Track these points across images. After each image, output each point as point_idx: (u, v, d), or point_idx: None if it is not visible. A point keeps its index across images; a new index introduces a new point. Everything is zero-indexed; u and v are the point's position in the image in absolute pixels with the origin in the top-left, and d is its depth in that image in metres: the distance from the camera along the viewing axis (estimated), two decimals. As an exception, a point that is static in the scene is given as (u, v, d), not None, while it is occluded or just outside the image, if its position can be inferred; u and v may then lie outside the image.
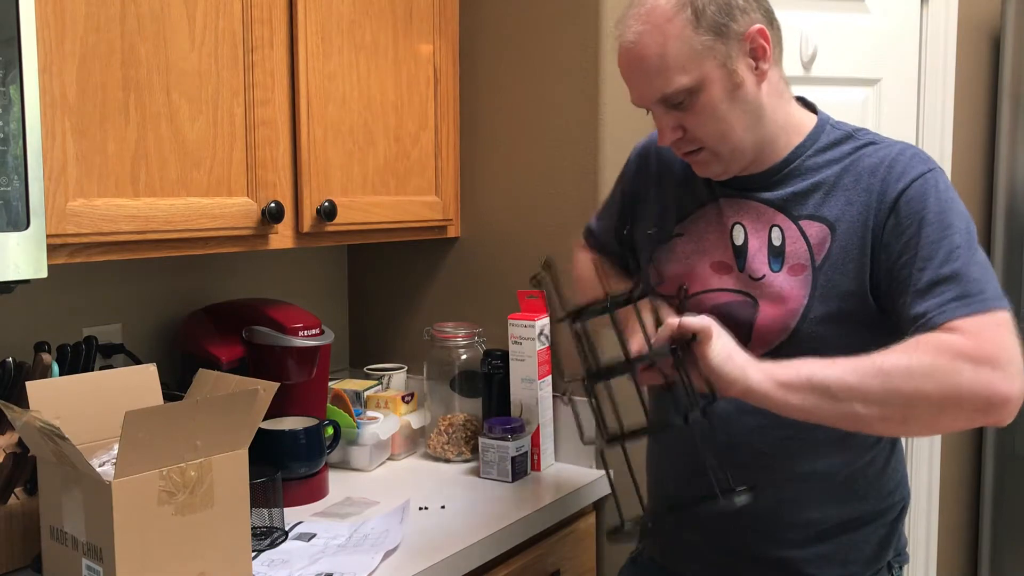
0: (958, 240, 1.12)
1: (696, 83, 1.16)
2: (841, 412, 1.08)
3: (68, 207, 1.27)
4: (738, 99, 1.18)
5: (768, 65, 1.19)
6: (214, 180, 1.48)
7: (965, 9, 2.03)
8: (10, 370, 1.37)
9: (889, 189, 1.16)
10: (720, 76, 1.16)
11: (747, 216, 1.25)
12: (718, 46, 1.16)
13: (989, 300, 1.09)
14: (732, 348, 1.11)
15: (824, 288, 1.18)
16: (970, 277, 1.10)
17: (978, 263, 1.12)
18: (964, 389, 1.05)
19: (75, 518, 1.19)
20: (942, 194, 1.15)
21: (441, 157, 1.96)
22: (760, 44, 1.17)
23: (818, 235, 1.20)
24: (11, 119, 1.10)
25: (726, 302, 1.24)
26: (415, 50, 1.87)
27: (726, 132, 1.20)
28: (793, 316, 1.20)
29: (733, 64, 1.17)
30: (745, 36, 1.17)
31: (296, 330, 1.72)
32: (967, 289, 1.09)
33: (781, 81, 1.25)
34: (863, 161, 1.21)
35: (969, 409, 1.06)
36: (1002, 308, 1.10)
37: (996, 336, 1.07)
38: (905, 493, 1.35)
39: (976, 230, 1.17)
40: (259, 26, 1.52)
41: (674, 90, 1.17)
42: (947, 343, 1.06)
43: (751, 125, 1.21)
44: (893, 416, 1.08)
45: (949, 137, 2.03)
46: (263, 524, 1.47)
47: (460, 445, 1.90)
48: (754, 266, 1.23)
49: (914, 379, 1.06)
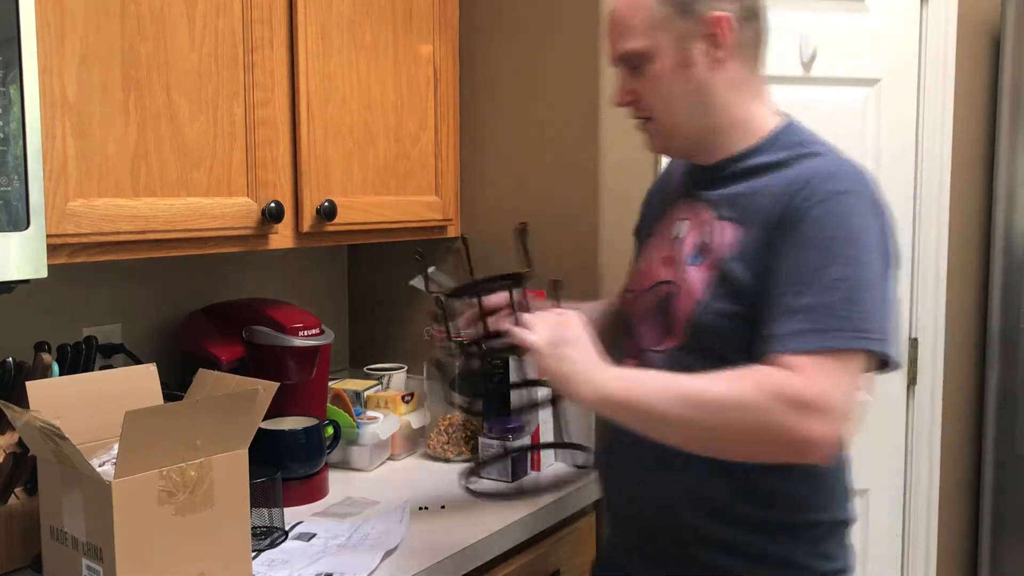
0: (842, 272, 1.09)
1: (648, 50, 1.21)
2: (657, 433, 1.13)
3: (68, 207, 1.27)
4: (685, 78, 1.21)
5: (724, 54, 1.20)
6: (214, 180, 1.47)
7: (965, 9, 2.03)
8: (10, 370, 1.37)
9: (798, 205, 1.14)
10: (672, 50, 1.20)
11: (691, 213, 1.29)
12: (677, 21, 1.19)
13: (843, 338, 1.06)
14: (571, 360, 1.16)
15: (722, 285, 1.20)
16: (836, 312, 1.07)
17: (862, 300, 1.08)
18: (774, 430, 1.05)
19: (75, 518, 1.19)
20: (846, 220, 1.11)
21: (441, 157, 1.96)
22: (718, 31, 1.19)
23: (732, 236, 1.20)
24: (11, 119, 1.10)
25: (667, 293, 1.28)
26: (415, 50, 1.87)
27: (669, 107, 1.23)
28: (695, 309, 1.22)
29: (687, 43, 1.20)
30: (706, 20, 1.19)
31: (296, 330, 1.72)
32: (827, 323, 1.07)
33: (749, 78, 1.25)
34: (794, 172, 1.19)
35: (778, 448, 1.06)
36: (855, 349, 1.06)
37: (828, 378, 1.05)
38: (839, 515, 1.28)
39: (891, 262, 1.13)
40: (259, 26, 1.52)
41: (627, 50, 1.23)
42: (772, 379, 1.06)
43: (696, 108, 1.23)
44: (697, 443, 1.12)
45: (949, 137, 2.03)
46: (263, 524, 1.47)
47: (460, 445, 1.89)
48: (682, 260, 1.27)
49: (725, 412, 1.07)
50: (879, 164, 1.97)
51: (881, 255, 1.12)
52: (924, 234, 2.03)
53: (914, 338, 2.05)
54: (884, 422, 2.04)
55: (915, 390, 2.06)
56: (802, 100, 1.91)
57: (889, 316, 1.11)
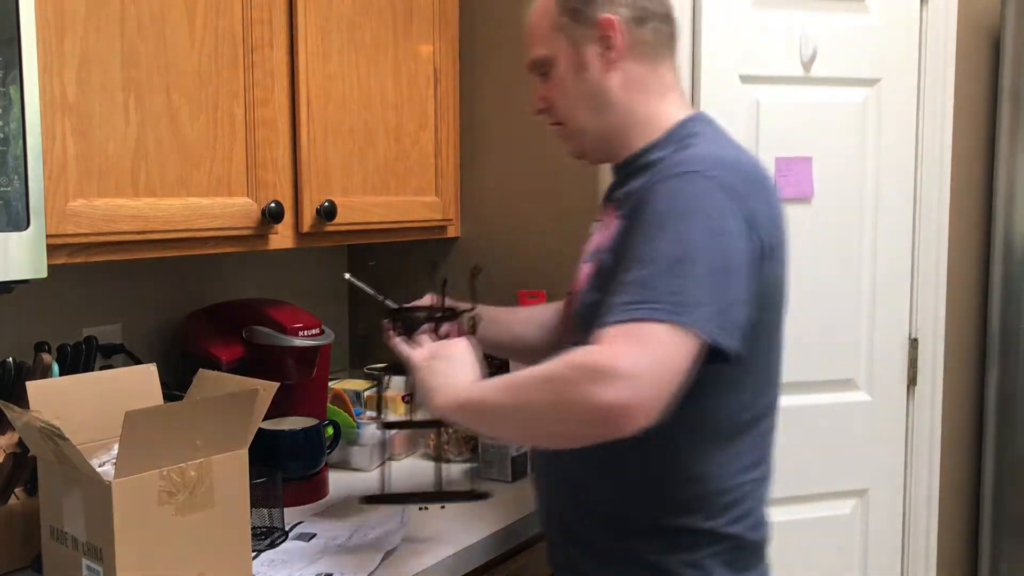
0: (666, 247, 1.05)
1: (549, 56, 1.26)
2: (498, 430, 1.17)
3: (68, 207, 1.27)
4: (582, 81, 1.24)
5: (615, 55, 1.22)
6: (214, 180, 1.47)
7: (965, 9, 2.03)
8: (10, 370, 1.37)
9: (647, 187, 1.13)
10: (568, 55, 1.24)
11: (604, 214, 1.31)
12: (572, 27, 1.23)
13: (647, 310, 1.01)
14: (440, 373, 1.18)
15: (596, 277, 1.21)
16: (651, 284, 1.03)
17: (683, 273, 1.03)
18: (570, 399, 1.00)
19: (75, 518, 1.19)
20: (682, 196, 1.09)
21: (441, 157, 1.96)
22: (609, 34, 1.21)
23: (616, 228, 1.20)
24: (11, 119, 1.10)
25: (569, 293, 1.33)
26: (415, 50, 1.87)
27: (572, 110, 1.27)
28: (575, 303, 1.27)
29: (582, 47, 1.23)
30: (597, 23, 1.22)
31: (296, 330, 1.72)
32: (640, 295, 1.03)
33: (649, 77, 1.25)
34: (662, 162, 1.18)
35: (581, 419, 1.01)
36: (661, 320, 1.00)
37: (626, 346, 1.00)
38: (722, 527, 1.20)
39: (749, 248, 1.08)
40: (259, 26, 1.52)
41: (534, 58, 1.29)
42: (576, 353, 1.02)
43: (595, 110, 1.25)
44: (517, 428, 1.13)
45: (949, 137, 2.03)
46: (263, 524, 1.47)
47: (460, 445, 1.89)
48: (581, 260, 1.31)
49: (532, 391, 1.06)
50: (879, 164, 1.97)
51: (728, 236, 1.07)
52: (924, 234, 2.03)
53: (914, 338, 2.05)
54: (884, 422, 2.04)
55: (915, 390, 2.06)
56: (802, 100, 1.92)
57: (720, 296, 1.04)
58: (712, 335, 1.03)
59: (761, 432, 1.24)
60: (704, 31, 1.85)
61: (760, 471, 1.25)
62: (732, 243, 1.07)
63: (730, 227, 1.07)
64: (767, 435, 1.26)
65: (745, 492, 1.22)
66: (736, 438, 1.21)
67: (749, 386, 1.21)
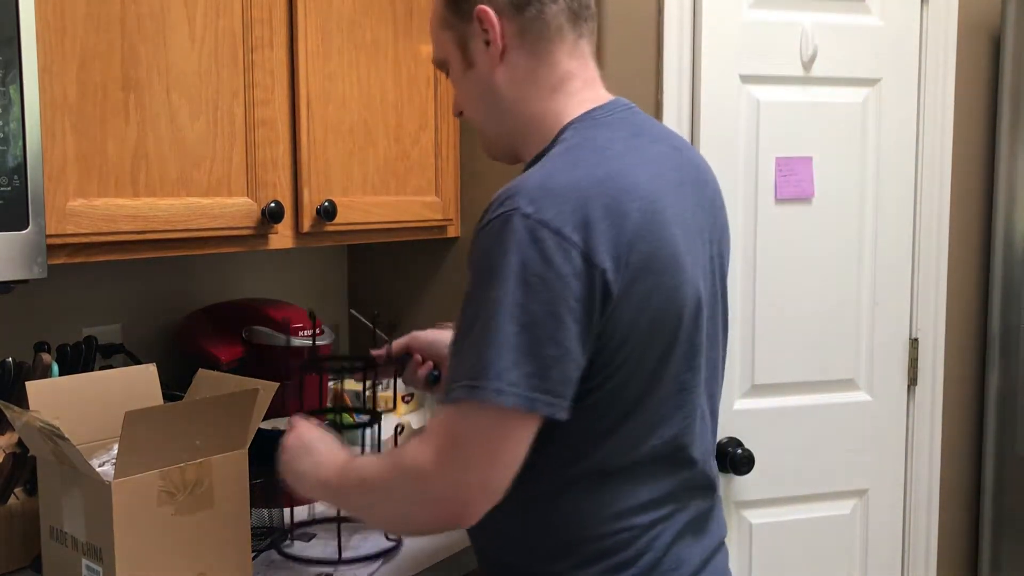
0: (474, 312, 0.98)
1: (442, 56, 1.20)
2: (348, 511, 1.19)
3: (68, 207, 1.27)
4: (470, 78, 1.16)
5: (496, 50, 1.11)
6: (214, 180, 1.47)
7: (965, 9, 2.03)
8: (10, 370, 1.37)
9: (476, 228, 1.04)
10: (456, 53, 1.17)
11: None
12: (457, 23, 1.15)
13: (461, 388, 0.96)
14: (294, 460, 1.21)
15: None
16: (459, 357, 0.99)
17: (484, 344, 0.95)
18: (402, 510, 1.04)
19: (75, 518, 1.19)
20: (492, 251, 0.98)
21: (441, 157, 1.95)
22: (487, 26, 1.11)
23: None
24: (11, 119, 1.10)
25: None
26: (415, 50, 1.86)
27: (471, 110, 1.21)
28: None
29: (468, 43, 1.15)
30: (476, 16, 1.12)
31: (296, 330, 1.72)
32: (453, 371, 0.99)
33: (539, 70, 1.12)
34: None
35: (417, 525, 1.07)
36: (466, 399, 0.95)
37: (438, 439, 0.98)
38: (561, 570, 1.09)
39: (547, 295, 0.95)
40: (259, 26, 1.52)
41: (433, 59, 1.23)
42: (407, 453, 1.02)
43: (490, 110, 1.17)
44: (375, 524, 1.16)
45: (949, 137, 2.03)
46: (263, 524, 1.47)
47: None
48: None
49: (373, 497, 1.07)
50: (879, 164, 1.97)
51: (547, 284, 0.95)
52: (924, 234, 2.03)
53: (914, 338, 2.05)
54: (884, 422, 2.04)
55: (915, 390, 2.06)
56: (802, 100, 1.92)
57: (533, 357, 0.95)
58: (522, 403, 0.94)
59: (667, 466, 1.10)
60: (704, 31, 1.85)
61: (662, 511, 1.10)
62: (552, 291, 0.95)
63: (550, 273, 0.95)
64: (679, 468, 1.11)
65: (627, 539, 1.08)
66: (613, 481, 1.07)
67: (629, 431, 1.06)
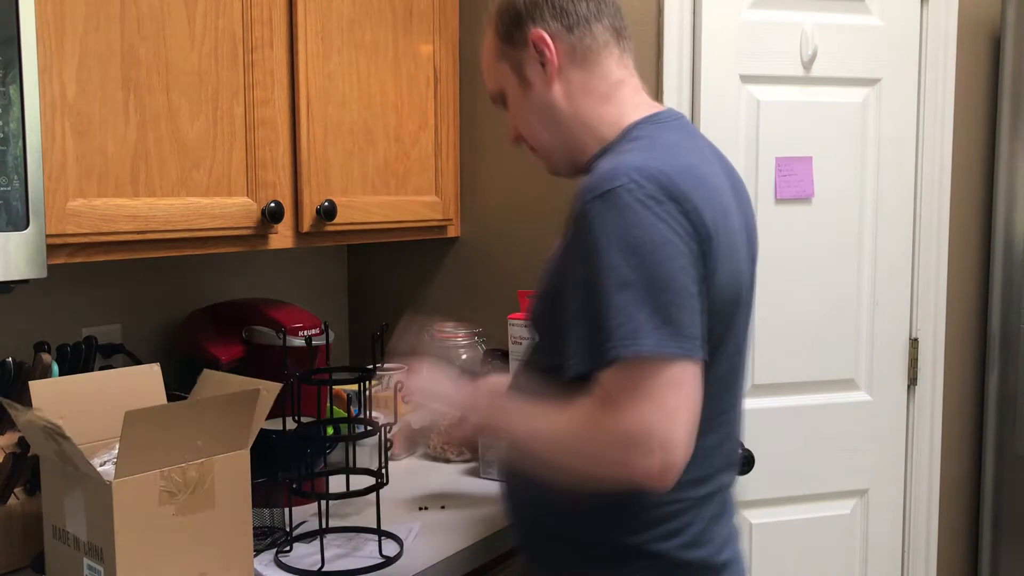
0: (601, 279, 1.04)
1: (500, 86, 1.28)
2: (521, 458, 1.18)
3: (68, 207, 1.27)
4: (531, 100, 1.25)
5: (553, 68, 1.22)
6: (214, 180, 1.47)
7: (965, 9, 2.03)
8: (10, 370, 1.37)
9: (573, 207, 1.11)
10: (514, 79, 1.26)
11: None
12: (512, 52, 1.25)
13: (617, 348, 1.01)
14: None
15: (539, 288, 1.25)
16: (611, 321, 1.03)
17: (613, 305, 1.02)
18: (608, 472, 1.04)
19: (77, 518, 1.19)
20: (599, 219, 1.05)
21: (441, 157, 1.95)
22: (543, 48, 1.22)
23: (560, 243, 1.20)
24: (11, 119, 1.10)
25: None
26: (415, 50, 1.86)
27: (533, 131, 1.28)
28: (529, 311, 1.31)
29: (524, 68, 1.24)
30: (529, 41, 1.23)
31: (296, 330, 1.72)
32: (604, 333, 1.03)
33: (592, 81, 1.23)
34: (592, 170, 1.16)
35: (613, 482, 1.05)
36: (630, 357, 1.01)
37: (642, 403, 1.00)
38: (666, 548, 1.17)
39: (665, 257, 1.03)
40: (259, 26, 1.52)
41: (490, 92, 1.31)
42: (593, 418, 1.04)
43: (550, 126, 1.26)
44: (544, 471, 1.12)
45: (949, 137, 2.03)
46: (263, 524, 1.47)
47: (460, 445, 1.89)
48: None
49: (566, 454, 1.09)
50: (879, 164, 1.97)
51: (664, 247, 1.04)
52: (924, 234, 2.03)
53: (914, 338, 2.05)
54: (884, 422, 2.04)
55: (915, 390, 2.06)
56: (802, 100, 1.92)
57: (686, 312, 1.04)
58: (696, 352, 1.03)
59: (706, 447, 1.15)
60: (704, 31, 1.85)
61: (706, 488, 1.19)
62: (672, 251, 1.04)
63: (670, 235, 1.04)
64: (716, 449, 1.20)
65: (679, 510, 1.17)
66: None
67: None
